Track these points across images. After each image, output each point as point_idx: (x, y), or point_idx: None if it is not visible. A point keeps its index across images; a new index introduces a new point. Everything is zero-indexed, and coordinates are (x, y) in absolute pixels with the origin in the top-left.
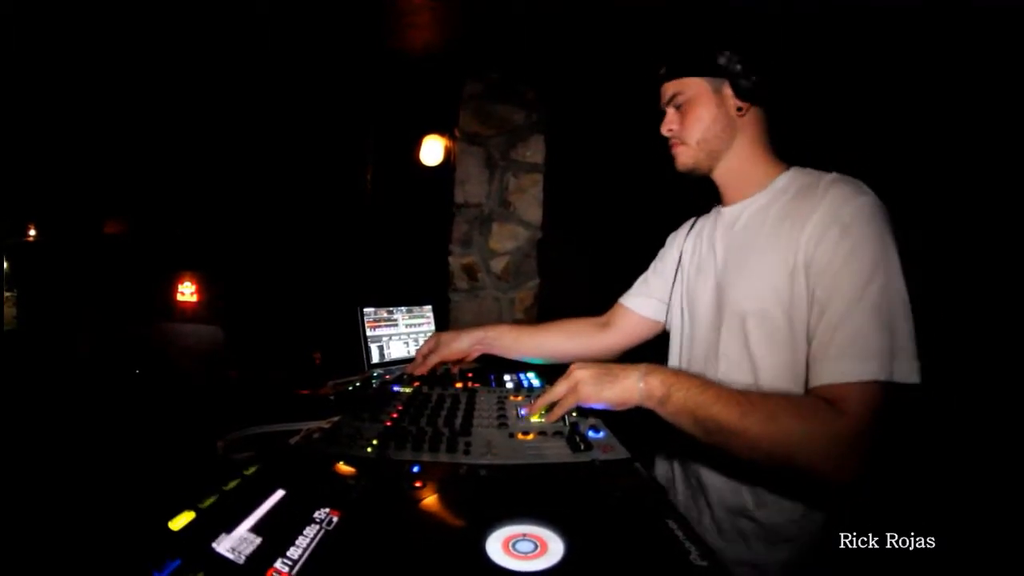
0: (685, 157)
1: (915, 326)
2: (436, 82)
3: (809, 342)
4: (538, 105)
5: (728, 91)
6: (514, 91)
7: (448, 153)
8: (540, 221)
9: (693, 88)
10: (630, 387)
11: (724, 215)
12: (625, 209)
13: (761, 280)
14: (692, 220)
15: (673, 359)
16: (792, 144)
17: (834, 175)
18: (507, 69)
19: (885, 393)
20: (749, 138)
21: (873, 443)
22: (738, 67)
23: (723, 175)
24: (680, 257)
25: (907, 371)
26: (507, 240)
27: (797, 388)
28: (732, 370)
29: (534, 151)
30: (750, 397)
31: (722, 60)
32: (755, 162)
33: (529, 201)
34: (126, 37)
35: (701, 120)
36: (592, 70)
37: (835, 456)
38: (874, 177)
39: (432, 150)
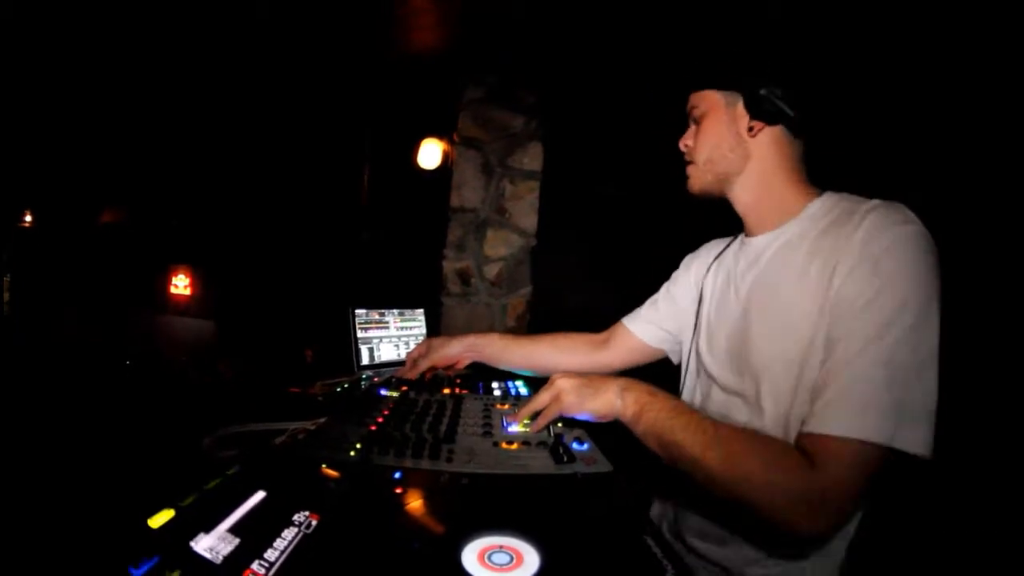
0: (694, 179)
1: (940, 388)
2: (436, 85)
3: None
4: (538, 112)
5: (742, 108)
6: (514, 97)
7: (446, 157)
8: (535, 229)
9: (708, 102)
10: (609, 401)
11: (749, 248)
12: (621, 221)
13: (787, 327)
14: (715, 248)
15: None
16: (829, 169)
17: (875, 202)
18: (507, 75)
19: (876, 458)
20: (767, 162)
21: (846, 506)
22: (753, 81)
23: (741, 202)
24: (701, 295)
25: (913, 440)
26: (501, 246)
27: None
28: (753, 426)
29: (532, 158)
30: (720, 431)
31: (737, 73)
32: (778, 189)
33: (525, 208)
34: (128, 32)
35: (710, 139)
36: (593, 81)
37: (793, 511)
38: (926, 209)
39: (430, 153)
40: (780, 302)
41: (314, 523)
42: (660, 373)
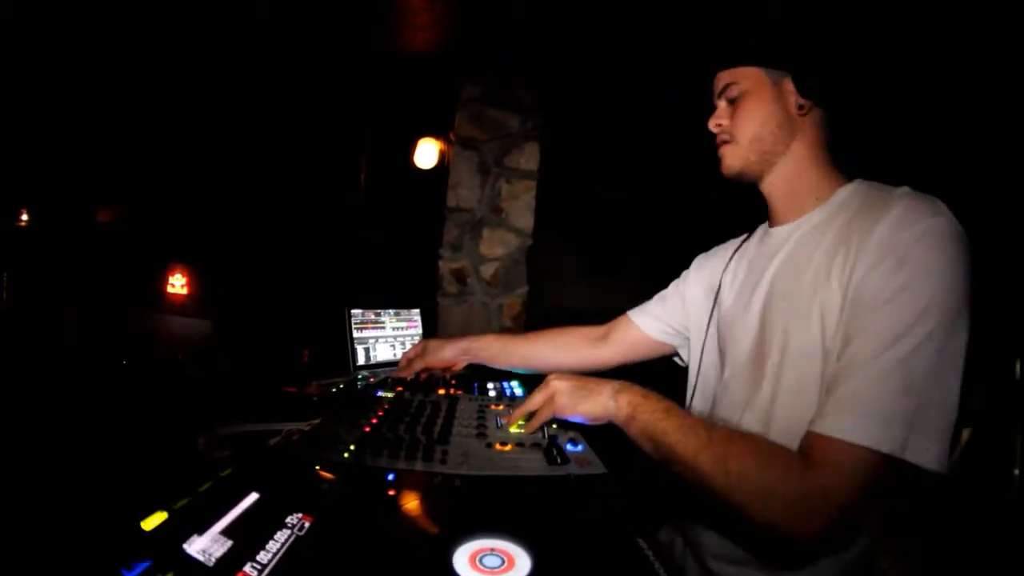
0: (733, 158)
1: (959, 401)
2: (433, 84)
3: None
4: (534, 112)
5: (790, 86)
6: (511, 97)
7: (442, 156)
8: (531, 229)
9: (750, 79)
10: (603, 403)
11: (772, 237)
12: (618, 221)
13: (810, 317)
14: (733, 245)
15: (695, 404)
16: (856, 157)
17: (904, 189)
18: (504, 74)
19: (882, 467)
20: (809, 143)
21: (846, 513)
22: (805, 59)
23: (774, 185)
24: (719, 292)
25: (924, 452)
26: (497, 246)
27: None
28: (770, 425)
29: (528, 158)
30: (712, 432)
31: (787, 50)
32: (811, 173)
33: (521, 208)
34: (126, 28)
35: (756, 115)
36: (591, 80)
37: (789, 514)
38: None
39: (427, 153)
40: (802, 293)
41: (307, 525)
42: (658, 376)
